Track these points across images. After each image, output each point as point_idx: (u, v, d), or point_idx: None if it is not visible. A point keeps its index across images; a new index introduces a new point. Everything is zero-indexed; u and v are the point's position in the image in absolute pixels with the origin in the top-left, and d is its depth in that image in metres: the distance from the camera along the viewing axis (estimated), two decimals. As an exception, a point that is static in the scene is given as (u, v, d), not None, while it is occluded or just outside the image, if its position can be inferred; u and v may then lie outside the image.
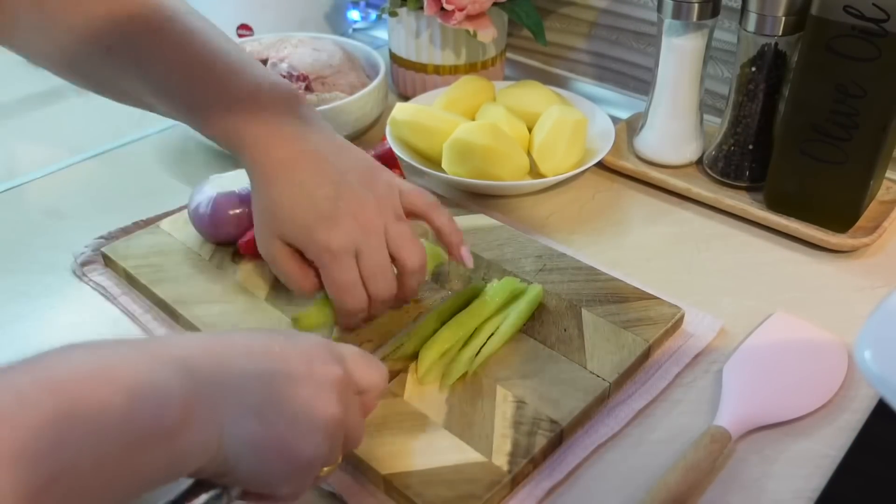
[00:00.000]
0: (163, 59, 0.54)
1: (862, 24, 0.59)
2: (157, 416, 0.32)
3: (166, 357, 0.34)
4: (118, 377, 0.31)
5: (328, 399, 0.39)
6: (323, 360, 0.40)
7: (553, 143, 0.75)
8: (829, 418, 0.53)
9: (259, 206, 0.54)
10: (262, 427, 0.36)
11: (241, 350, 0.38)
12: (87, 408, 0.30)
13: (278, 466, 0.37)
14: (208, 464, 0.35)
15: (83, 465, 0.29)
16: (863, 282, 0.65)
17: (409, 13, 0.89)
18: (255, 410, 0.36)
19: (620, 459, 0.51)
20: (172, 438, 0.32)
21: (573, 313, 0.59)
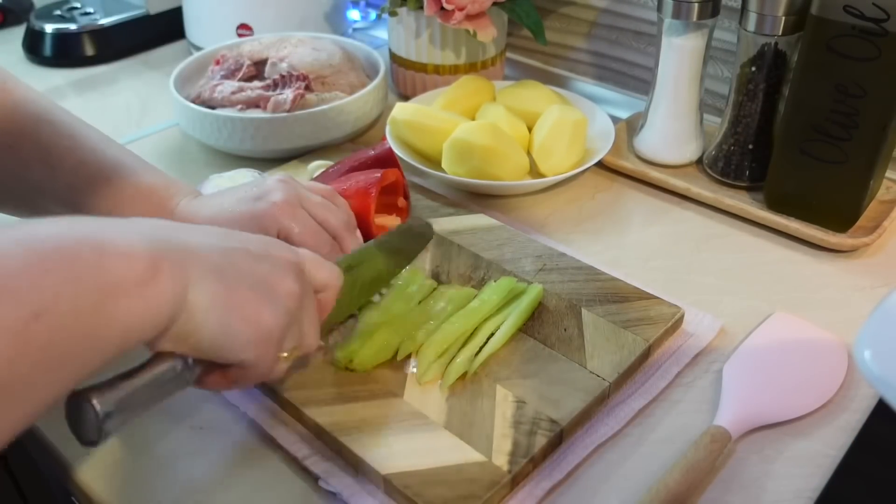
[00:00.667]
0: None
1: (862, 23, 0.59)
2: (127, 265, 0.35)
3: (134, 227, 0.37)
4: (84, 236, 0.34)
5: (285, 277, 0.42)
6: (280, 247, 0.44)
7: (553, 142, 0.75)
8: (829, 418, 0.53)
9: None
10: (225, 287, 0.39)
11: (202, 230, 0.42)
12: (60, 258, 0.33)
13: (241, 328, 0.40)
14: (177, 318, 0.37)
15: (62, 306, 0.32)
16: (863, 281, 0.65)
17: (408, 13, 0.89)
18: (218, 272, 0.39)
19: (620, 459, 0.51)
20: (144, 285, 0.35)
21: (573, 313, 0.59)
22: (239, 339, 0.40)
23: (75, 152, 0.57)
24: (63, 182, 0.57)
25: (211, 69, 0.88)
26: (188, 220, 0.55)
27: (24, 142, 0.57)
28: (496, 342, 0.55)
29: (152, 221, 0.40)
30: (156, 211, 0.57)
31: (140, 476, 0.50)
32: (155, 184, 0.58)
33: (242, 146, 0.80)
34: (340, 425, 0.50)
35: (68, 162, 0.57)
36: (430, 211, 0.71)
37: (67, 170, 0.57)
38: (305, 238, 0.55)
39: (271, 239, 0.45)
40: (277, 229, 0.55)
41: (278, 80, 0.83)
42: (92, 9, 1.11)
